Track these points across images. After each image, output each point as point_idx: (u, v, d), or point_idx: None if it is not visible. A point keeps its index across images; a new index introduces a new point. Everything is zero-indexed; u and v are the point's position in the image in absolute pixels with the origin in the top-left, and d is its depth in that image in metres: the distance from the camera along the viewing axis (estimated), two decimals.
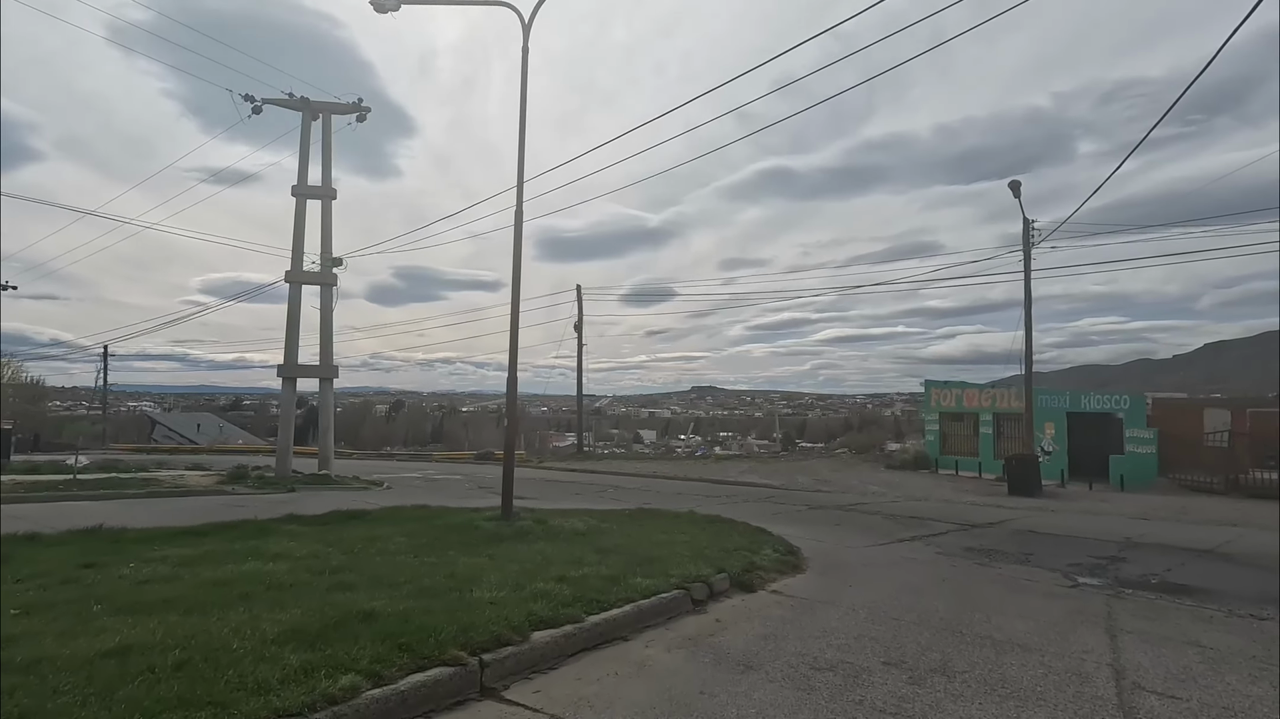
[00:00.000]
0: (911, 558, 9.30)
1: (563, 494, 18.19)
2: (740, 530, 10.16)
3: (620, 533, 8.98)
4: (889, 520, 13.09)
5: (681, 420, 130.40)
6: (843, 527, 12.19)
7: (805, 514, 13.95)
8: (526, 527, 8.50)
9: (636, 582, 5.85)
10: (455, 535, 7.92)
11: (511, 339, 9.13)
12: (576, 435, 34.58)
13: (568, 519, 9.86)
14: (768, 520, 12.56)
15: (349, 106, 19.66)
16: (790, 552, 8.89)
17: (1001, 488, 19.48)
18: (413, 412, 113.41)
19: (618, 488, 19.91)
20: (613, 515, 11.27)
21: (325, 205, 19.41)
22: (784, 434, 78.87)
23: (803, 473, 24.04)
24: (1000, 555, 9.66)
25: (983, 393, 23.36)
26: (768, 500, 16.53)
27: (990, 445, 22.80)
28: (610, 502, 16.28)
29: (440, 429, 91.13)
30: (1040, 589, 7.58)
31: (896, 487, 19.93)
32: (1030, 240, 18.51)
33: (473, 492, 18.94)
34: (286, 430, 18.85)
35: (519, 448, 38.96)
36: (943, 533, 11.70)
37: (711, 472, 25.00)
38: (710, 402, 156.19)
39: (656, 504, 15.56)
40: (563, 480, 22.62)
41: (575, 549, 7.47)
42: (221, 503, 13.20)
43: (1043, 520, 13.59)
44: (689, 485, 20.90)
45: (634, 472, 25.65)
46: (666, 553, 7.51)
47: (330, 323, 19.29)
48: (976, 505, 16.17)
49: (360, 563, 6.04)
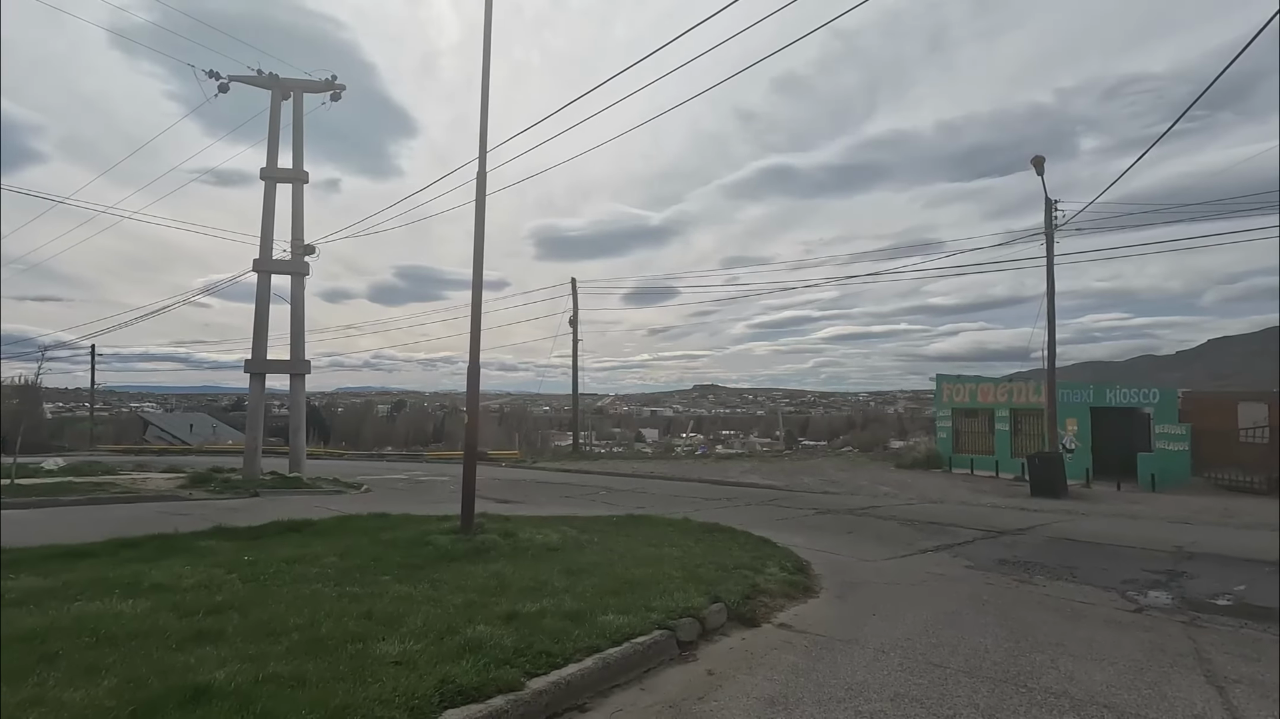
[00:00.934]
0: (939, 574, 8.02)
1: (551, 497, 16.93)
2: (741, 542, 8.88)
3: (600, 547, 7.71)
4: (907, 527, 11.80)
5: (684, 419, 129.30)
6: (856, 535, 10.90)
7: (813, 520, 12.66)
8: (489, 541, 7.22)
9: (607, 619, 4.57)
10: (399, 553, 6.66)
11: (474, 321, 7.86)
12: (572, 434, 33.31)
13: (542, 529, 8.58)
14: (772, 528, 11.28)
15: (322, 84, 18.39)
16: (799, 568, 7.61)
17: (1021, 488, 18.17)
18: (414, 411, 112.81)
19: (610, 490, 18.64)
20: (597, 524, 10.00)
21: (296, 189, 18.14)
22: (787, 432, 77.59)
23: (808, 472, 22.76)
24: (1040, 569, 8.38)
25: (998, 387, 22.06)
26: (771, 503, 15.25)
27: (1007, 443, 21.49)
28: (601, 505, 15.02)
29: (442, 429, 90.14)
30: (1101, 615, 6.29)
31: (909, 487, 18.64)
32: (1053, 223, 17.19)
33: (455, 494, 17.63)
34: (255, 430, 17.59)
35: (514, 447, 37.74)
36: (969, 541, 10.42)
37: (711, 471, 23.72)
38: (713, 400, 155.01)
39: (650, 508, 14.30)
40: (554, 482, 21.36)
41: (541, 570, 6.20)
42: (160, 510, 11.95)
43: (1076, 526, 12.30)
44: (687, 487, 19.63)
45: (630, 472, 24.38)
46: (652, 574, 6.24)
47: (301, 314, 18.03)
48: (999, 508, 14.87)
49: (258, 597, 4.77)
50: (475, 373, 7.58)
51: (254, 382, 17.44)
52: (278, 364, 17.95)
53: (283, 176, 17.96)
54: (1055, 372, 17.48)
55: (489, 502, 16.17)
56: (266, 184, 17.68)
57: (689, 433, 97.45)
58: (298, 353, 17.99)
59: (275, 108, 17.98)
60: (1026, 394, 21.22)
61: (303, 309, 17.97)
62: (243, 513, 11.49)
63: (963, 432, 23.16)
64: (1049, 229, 17.34)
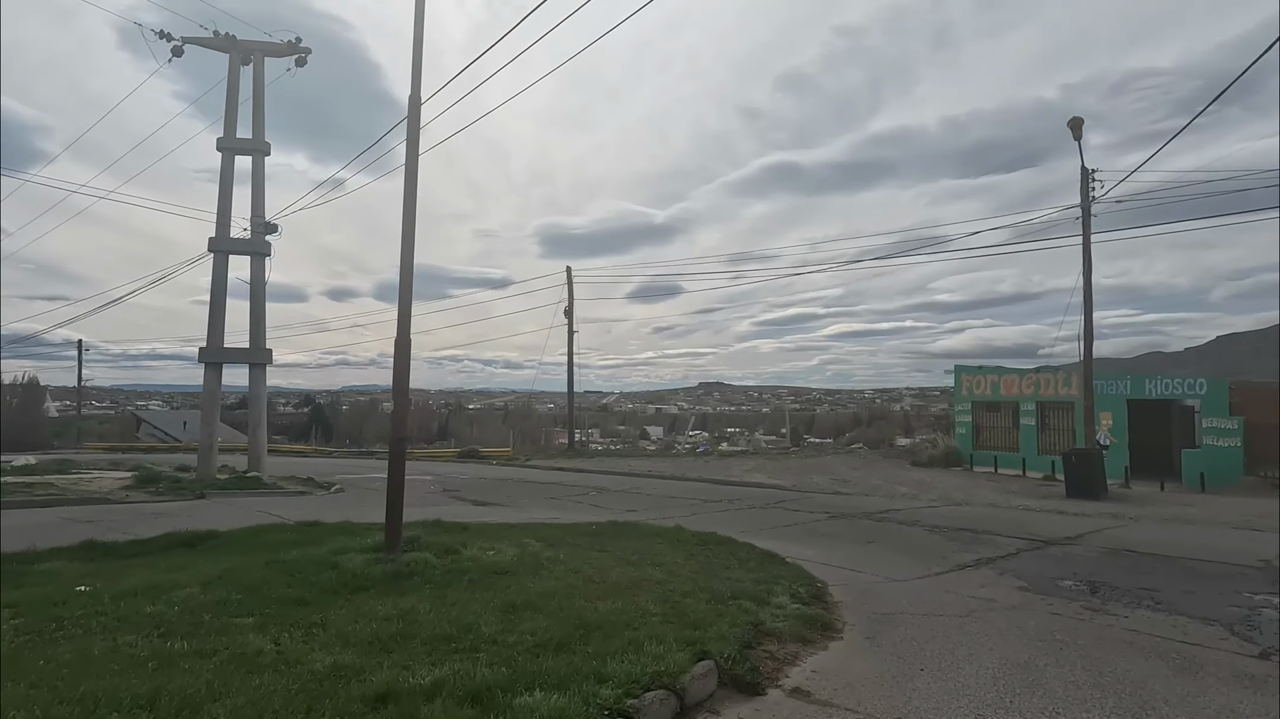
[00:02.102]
0: (989, 599, 6.41)
1: (535, 499, 15.36)
2: (741, 557, 7.28)
3: (565, 567, 6.12)
4: (935, 535, 10.17)
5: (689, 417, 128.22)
6: (879, 545, 9.28)
7: (826, 526, 11.04)
8: (418, 562, 5.65)
9: (529, 703, 2.98)
10: (290, 581, 5.09)
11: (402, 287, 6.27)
12: (568, 431, 31.75)
13: (497, 543, 7.00)
14: (778, 537, 9.68)
15: (284, 47, 16.81)
16: (815, 594, 6.00)
17: (1053, 489, 16.51)
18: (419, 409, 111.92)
19: (602, 490, 17.07)
20: (572, 533, 8.41)
21: (257, 161, 16.57)
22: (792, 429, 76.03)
23: (817, 471, 21.14)
24: (1113, 593, 6.76)
25: (1023, 379, 20.38)
26: (777, 506, 13.64)
27: (1034, 439, 19.82)
28: (587, 509, 13.45)
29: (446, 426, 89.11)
30: (1223, 665, 4.69)
31: (929, 487, 17.00)
32: (1090, 193, 15.50)
33: (430, 495, 16.16)
34: (210, 425, 16.08)
35: (506, 444, 36.08)
36: (1012, 553, 8.79)
37: (713, 470, 22.12)
38: (718, 397, 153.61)
39: (642, 512, 12.72)
40: (543, 481, 19.80)
41: (472, 606, 4.62)
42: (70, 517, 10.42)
43: (1131, 534, 10.65)
44: (686, 487, 18.04)
45: (627, 470, 22.81)
46: (620, 610, 4.67)
47: (262, 299, 16.48)
48: (1035, 512, 13.23)
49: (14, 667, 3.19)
50: (405, 346, 6.00)
51: (209, 372, 15.89)
52: (235, 353, 16.42)
53: (241, 148, 16.40)
54: (1092, 360, 15.80)
55: (465, 504, 14.65)
56: (224, 156, 16.11)
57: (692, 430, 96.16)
58: (258, 340, 16.43)
59: (234, 72, 16.41)
60: (1055, 386, 19.53)
61: (264, 292, 16.42)
62: (164, 519, 9.96)
63: (984, 427, 21.47)
64: (1085, 201, 15.65)
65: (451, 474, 22.87)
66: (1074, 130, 14.80)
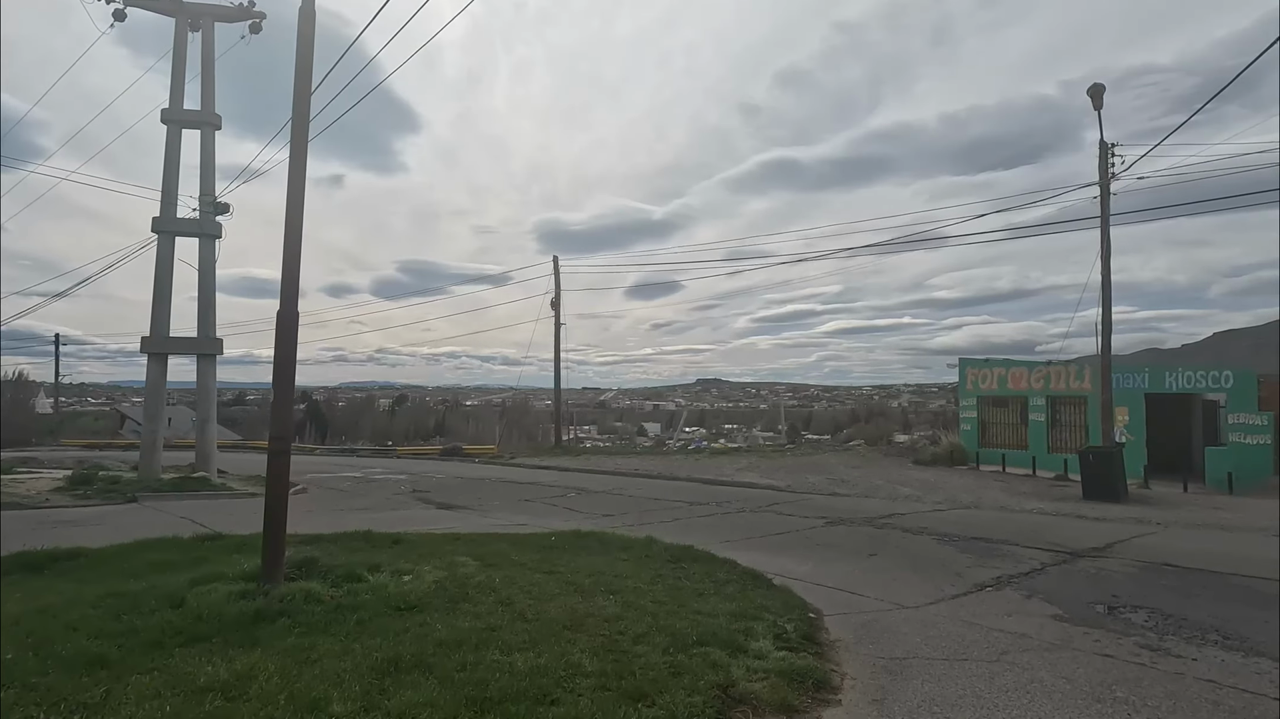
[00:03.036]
0: (1022, 634, 5.20)
1: (506, 502, 14.15)
2: (720, 579, 6.07)
3: (494, 599, 4.91)
4: (946, 545, 8.97)
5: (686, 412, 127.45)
6: (882, 559, 8.07)
7: (822, 534, 9.83)
8: (299, 595, 4.43)
9: None
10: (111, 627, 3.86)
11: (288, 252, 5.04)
12: (555, 428, 30.52)
13: (423, 564, 5.79)
14: (767, 548, 8.47)
15: (236, 11, 15.50)
16: (806, 634, 4.78)
17: (1067, 489, 15.33)
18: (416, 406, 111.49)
19: (582, 491, 15.86)
20: (521, 549, 7.18)
21: (206, 135, 15.26)
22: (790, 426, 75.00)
23: (813, 470, 19.95)
24: (1168, 624, 5.57)
25: (1033, 372, 19.18)
26: (769, 509, 12.44)
27: (1043, 435, 18.63)
28: (560, 513, 12.25)
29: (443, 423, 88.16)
30: None
31: (934, 488, 15.81)
32: (1109, 170, 14.27)
33: (395, 498, 14.94)
34: (154, 421, 14.82)
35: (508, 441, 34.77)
36: (1037, 569, 7.59)
37: (704, 469, 20.91)
38: (715, 394, 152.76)
39: (620, 516, 11.51)
40: (522, 481, 18.58)
41: (337, 666, 3.40)
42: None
43: (1166, 543, 9.45)
44: (672, 487, 16.83)
45: (613, 469, 21.59)
46: (545, 667, 3.45)
47: (211, 284, 15.18)
48: (1051, 516, 12.03)
49: None
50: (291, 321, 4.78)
51: (152, 363, 14.58)
52: (181, 343, 15.11)
53: (189, 120, 15.11)
54: (1110, 351, 14.59)
55: (429, 507, 13.42)
56: (169, 129, 14.78)
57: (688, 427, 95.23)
58: (206, 329, 15.12)
59: (180, 37, 15.07)
60: (1066, 379, 18.33)
61: (213, 277, 15.11)
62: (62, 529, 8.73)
63: (991, 423, 20.27)
64: (1104, 179, 14.43)
65: (428, 473, 21.66)
66: (1094, 98, 13.56)
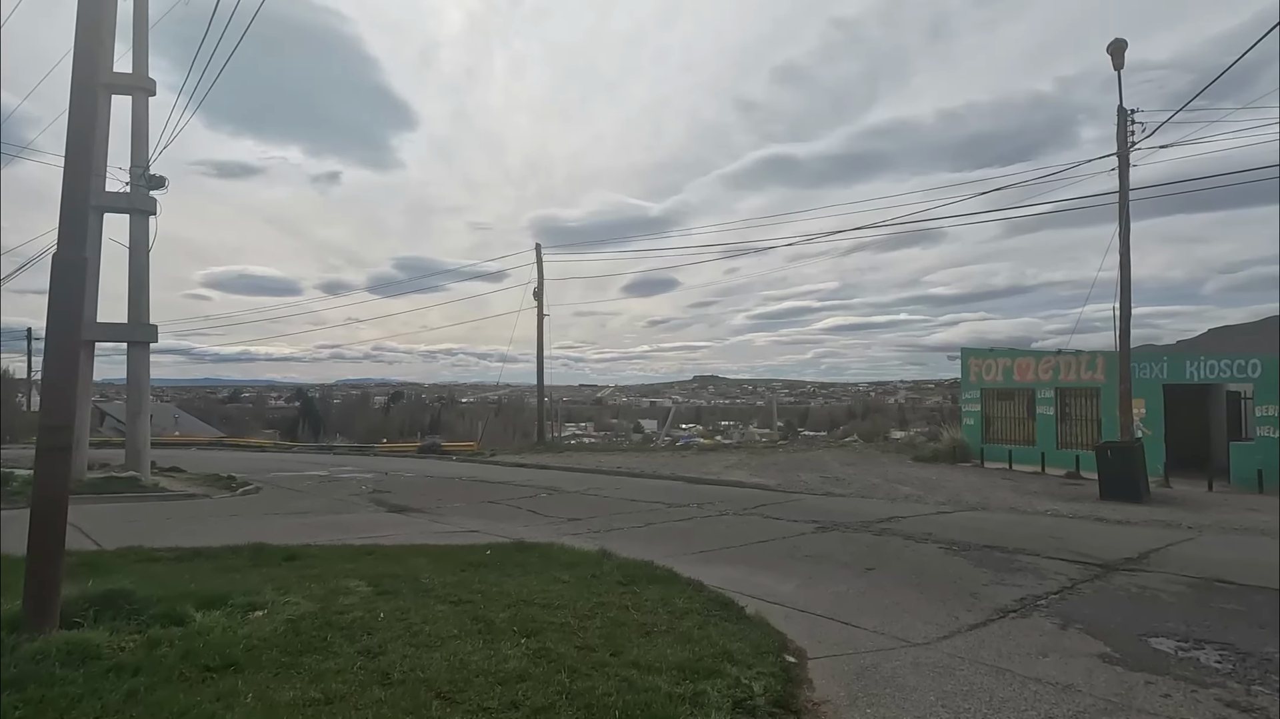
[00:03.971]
0: (1069, 687, 3.94)
1: (469, 503, 12.86)
2: (678, 609, 4.78)
3: (354, 649, 3.62)
4: (955, 555, 7.71)
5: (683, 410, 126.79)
6: (882, 573, 6.80)
7: (811, 543, 8.55)
8: (67, 650, 3.12)
9: None
10: None
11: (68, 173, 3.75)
12: (538, 424, 29.20)
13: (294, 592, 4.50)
14: (746, 562, 7.19)
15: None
16: (781, 701, 3.49)
17: (1079, 488, 14.12)
18: (412, 403, 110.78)
19: (555, 491, 14.58)
20: (440, 567, 5.89)
21: (138, 101, 13.89)
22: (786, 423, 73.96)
23: (806, 467, 18.70)
24: (1254, 667, 4.33)
25: (1040, 362, 17.95)
26: (755, 512, 11.17)
27: (1052, 430, 17.40)
28: (523, 517, 10.98)
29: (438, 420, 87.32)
30: None
31: (936, 487, 14.56)
32: (1128, 136, 13.01)
33: (350, 498, 13.62)
34: (80, 414, 13.50)
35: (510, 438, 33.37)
36: (1067, 588, 6.33)
37: (690, 466, 19.65)
38: (712, 391, 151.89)
39: (586, 520, 10.22)
40: (494, 480, 17.30)
41: None
42: None
43: (1207, 552, 8.21)
44: (653, 487, 15.56)
45: (594, 467, 20.31)
46: None
47: (144, 265, 13.80)
48: (1068, 519, 10.79)
49: None
50: (72, 265, 3.51)
51: None
52: (109, 329, 13.78)
53: (119, 84, 13.77)
54: (1129, 336, 13.35)
55: (379, 510, 12.10)
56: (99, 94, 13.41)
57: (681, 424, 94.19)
58: (138, 314, 13.74)
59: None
60: (1077, 369, 17.09)
61: (146, 258, 13.75)
62: None
63: (995, 417, 19.03)
64: (1123, 148, 13.16)
65: (399, 471, 20.37)
66: (1114, 57, 12.27)
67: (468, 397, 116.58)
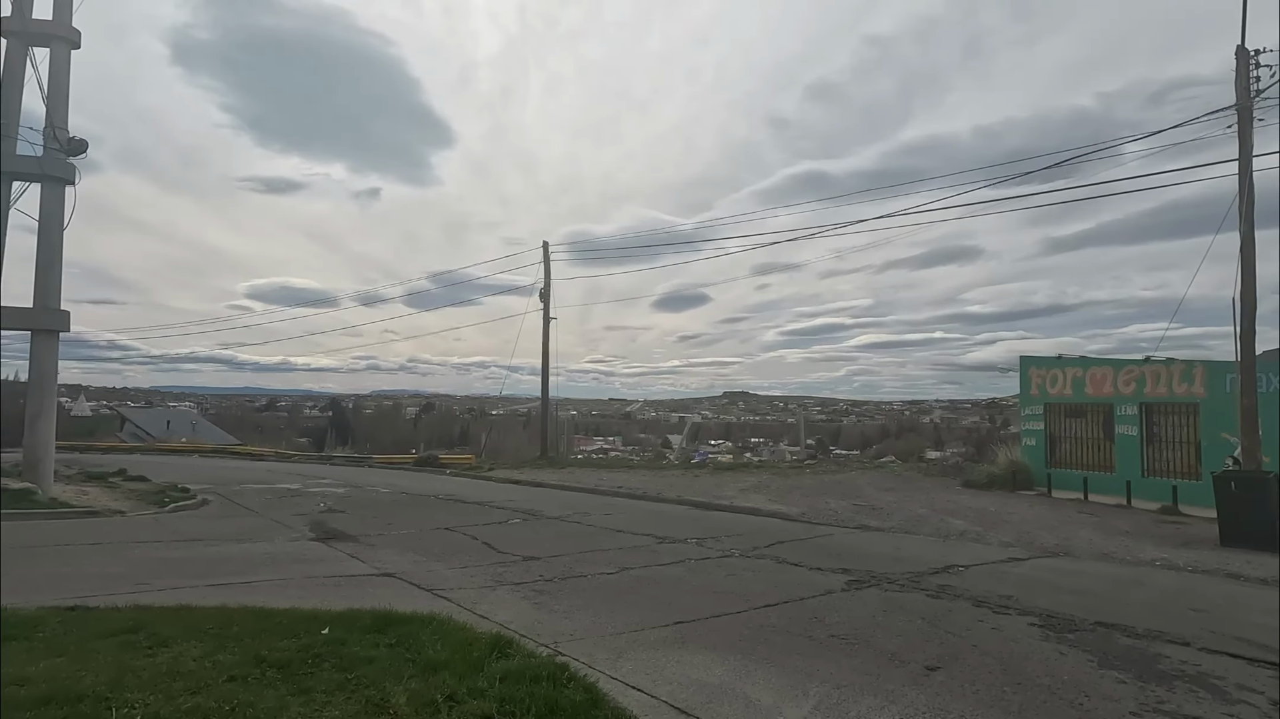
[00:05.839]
0: None
1: (423, 529, 10.55)
2: None
3: None
4: (1063, 645, 5.07)
5: (712, 426, 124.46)
6: (953, 679, 4.20)
7: (841, 610, 5.96)
8: None
9: None
10: None
11: None
12: (542, 437, 26.88)
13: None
14: (738, 648, 4.60)
15: None
16: None
17: (1183, 528, 11.26)
18: (442, 414, 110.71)
19: (533, 515, 12.21)
20: (232, 652, 3.50)
21: (58, 52, 11.99)
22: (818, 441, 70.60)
23: (836, 491, 16.00)
24: None
25: (1121, 372, 15.04)
26: (767, 552, 8.62)
27: (1136, 454, 14.46)
28: (476, 550, 8.63)
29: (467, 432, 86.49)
30: None
31: (997, 522, 11.80)
32: (1250, 84, 10.28)
33: (288, 520, 11.39)
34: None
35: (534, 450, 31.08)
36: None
37: (702, 487, 17.08)
38: (742, 407, 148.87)
39: (548, 561, 7.72)
40: (474, 500, 15.01)
41: None
42: None
43: None
44: (651, 512, 13.08)
45: (593, 486, 17.88)
46: None
47: (57, 241, 11.87)
48: (1190, 575, 8.01)
49: None
50: None
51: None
52: (12, 314, 11.81)
53: (36, 34, 11.94)
54: (1254, 336, 10.49)
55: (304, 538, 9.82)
56: (10, 43, 11.62)
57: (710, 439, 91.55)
58: (46, 299, 11.75)
59: None
60: (1168, 381, 14.15)
61: (60, 234, 11.84)
62: None
63: (1063, 437, 16.10)
64: (1244, 99, 10.42)
65: (374, 486, 18.28)
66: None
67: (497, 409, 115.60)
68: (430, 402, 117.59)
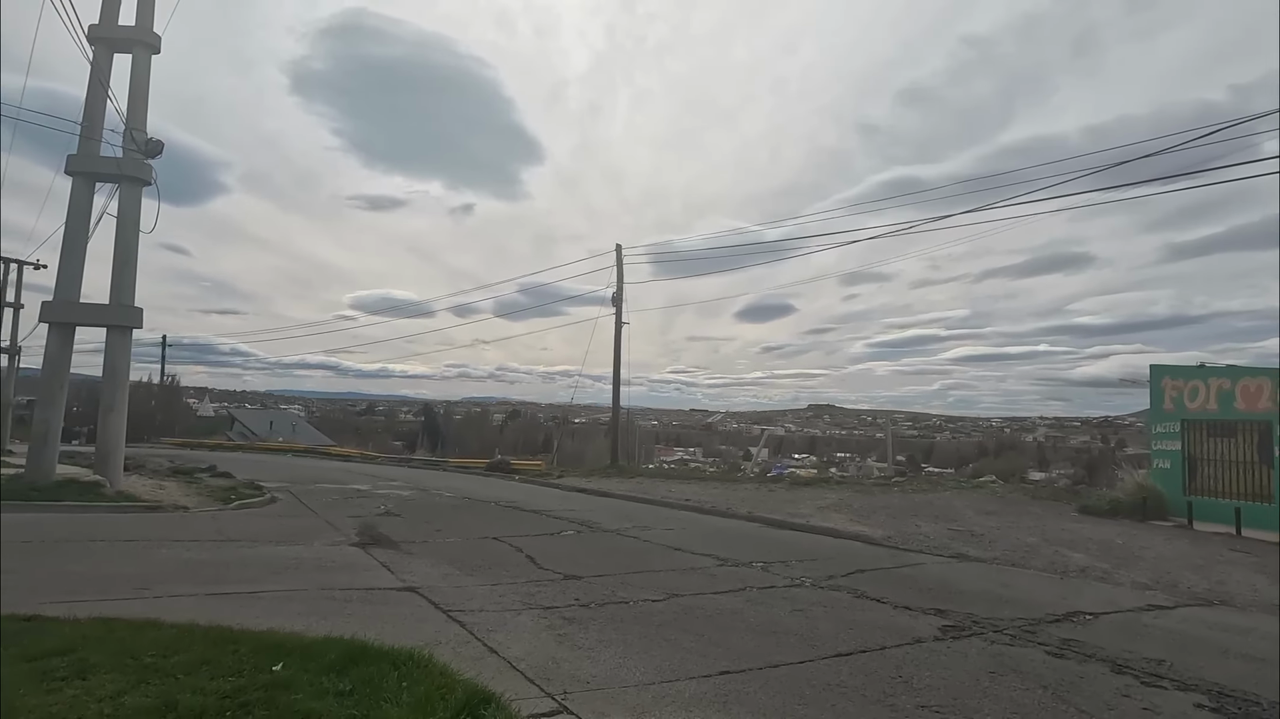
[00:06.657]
0: None
1: (472, 539, 9.94)
2: None
3: None
4: None
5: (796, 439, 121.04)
6: None
7: (934, 670, 4.73)
8: None
9: None
10: None
11: None
12: (611, 445, 26.19)
13: None
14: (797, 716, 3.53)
15: None
16: None
17: None
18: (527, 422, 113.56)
19: (589, 527, 11.41)
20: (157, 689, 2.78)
21: (139, 58, 12.32)
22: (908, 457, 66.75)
23: (928, 513, 14.33)
24: None
25: None
26: (843, 582, 7.39)
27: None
28: (513, 566, 7.87)
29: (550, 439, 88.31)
30: None
31: (1128, 558, 9.97)
32: None
33: (344, 521, 11.08)
34: (48, 409, 11.77)
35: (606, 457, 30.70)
36: None
37: (776, 503, 15.77)
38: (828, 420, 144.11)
39: (578, 588, 6.81)
40: (533, 508, 14.39)
41: None
42: None
43: None
44: (717, 529, 12.00)
45: (660, 498, 16.92)
46: None
47: (133, 240, 12.12)
48: None
49: None
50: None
51: (53, 335, 11.56)
52: (89, 311, 12.13)
53: (120, 39, 12.30)
54: None
55: (349, 543, 9.39)
56: (97, 49, 12.00)
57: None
58: (122, 296, 11.99)
59: None
60: None
61: (135, 231, 12.10)
62: None
63: (1205, 459, 13.77)
64: None
65: (439, 489, 18.11)
66: None
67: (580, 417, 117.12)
68: (516, 409, 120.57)
